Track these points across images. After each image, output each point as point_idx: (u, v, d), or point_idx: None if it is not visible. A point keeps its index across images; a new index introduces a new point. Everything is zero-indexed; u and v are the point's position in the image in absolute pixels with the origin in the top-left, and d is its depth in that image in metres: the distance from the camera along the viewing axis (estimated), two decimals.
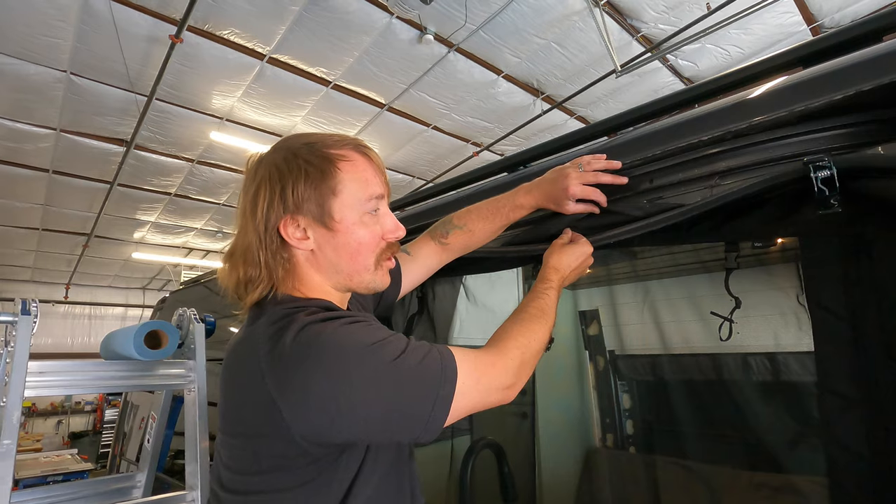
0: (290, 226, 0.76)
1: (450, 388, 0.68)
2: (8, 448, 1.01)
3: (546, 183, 1.03)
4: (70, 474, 5.66)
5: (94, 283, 11.88)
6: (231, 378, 0.75)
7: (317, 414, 0.64)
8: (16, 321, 1.14)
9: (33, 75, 4.31)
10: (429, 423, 0.67)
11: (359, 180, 0.77)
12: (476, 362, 0.73)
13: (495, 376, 0.74)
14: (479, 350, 0.76)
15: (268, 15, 3.92)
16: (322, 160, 0.76)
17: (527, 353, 0.78)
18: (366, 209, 0.78)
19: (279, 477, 0.69)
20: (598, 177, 0.97)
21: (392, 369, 0.67)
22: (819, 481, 0.94)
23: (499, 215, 1.07)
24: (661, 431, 1.76)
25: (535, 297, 0.88)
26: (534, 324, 0.82)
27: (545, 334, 0.83)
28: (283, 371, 0.66)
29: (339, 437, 0.67)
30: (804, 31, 4.34)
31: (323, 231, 0.77)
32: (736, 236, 0.93)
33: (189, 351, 1.42)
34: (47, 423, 10.52)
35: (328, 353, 0.66)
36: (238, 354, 0.75)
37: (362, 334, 0.69)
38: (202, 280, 3.03)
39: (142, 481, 1.49)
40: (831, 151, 0.73)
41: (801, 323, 1.05)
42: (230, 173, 6.56)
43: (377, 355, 0.67)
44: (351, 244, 0.78)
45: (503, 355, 0.76)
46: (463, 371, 0.70)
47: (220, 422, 0.76)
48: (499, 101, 5.33)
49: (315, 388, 0.64)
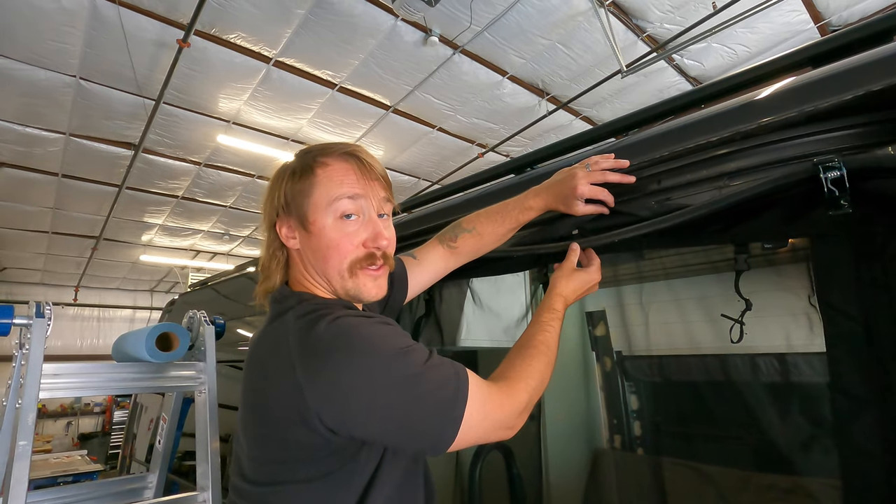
0: (284, 226, 0.83)
1: (460, 412, 0.70)
2: (24, 449, 1.03)
3: (555, 184, 1.03)
4: (80, 475, 5.71)
5: (103, 286, 11.98)
6: (258, 369, 0.78)
7: (340, 404, 0.67)
8: (30, 324, 1.15)
9: (43, 80, 4.36)
10: (437, 441, 0.69)
11: (330, 182, 0.80)
12: (487, 398, 0.74)
13: (502, 416, 0.75)
14: (491, 386, 0.76)
15: (274, 18, 3.95)
16: (303, 164, 0.82)
17: (533, 394, 0.79)
18: (337, 213, 0.79)
19: (302, 467, 0.72)
20: (606, 176, 0.97)
21: (413, 380, 0.69)
22: (831, 483, 0.93)
23: (508, 218, 1.07)
24: (669, 433, 1.76)
25: (542, 329, 0.88)
26: (540, 362, 0.83)
27: (549, 371, 0.84)
28: (314, 357, 0.69)
29: (356, 431, 0.69)
30: (811, 29, 4.31)
31: (302, 232, 0.82)
32: (746, 237, 0.92)
33: (199, 353, 1.43)
34: (57, 425, 10.61)
35: (358, 347, 0.69)
36: (264, 350, 0.78)
37: (391, 337, 0.72)
38: (210, 282, 3.06)
39: (153, 482, 1.50)
40: (841, 152, 0.72)
41: (812, 324, 1.05)
42: (237, 176, 6.61)
43: (402, 362, 0.69)
44: (321, 247, 0.81)
45: (511, 396, 0.76)
46: (474, 403, 0.71)
47: (244, 413, 0.79)
48: (504, 102, 5.33)
49: (342, 378, 0.67)
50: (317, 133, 5.72)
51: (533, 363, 0.82)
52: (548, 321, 0.90)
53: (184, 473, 2.24)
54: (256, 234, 9.01)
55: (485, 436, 0.74)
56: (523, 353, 0.84)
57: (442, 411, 0.69)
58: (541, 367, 0.82)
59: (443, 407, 0.69)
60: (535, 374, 0.81)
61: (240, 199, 7.33)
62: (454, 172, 6.85)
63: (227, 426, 2.08)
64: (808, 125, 0.76)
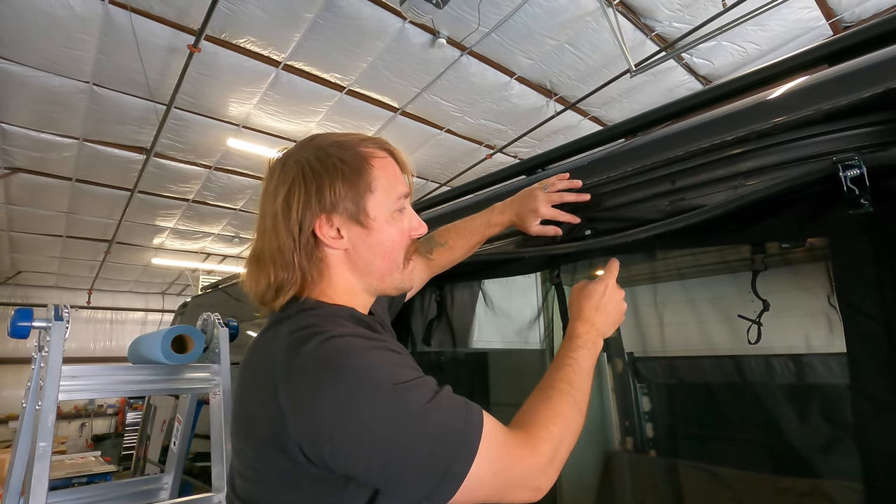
0: (325, 225, 0.74)
1: (464, 466, 0.61)
2: (44, 450, 1.04)
3: (516, 203, 1.09)
4: (94, 476, 5.77)
5: (116, 289, 12.12)
6: (246, 385, 0.72)
7: (322, 437, 0.61)
8: (49, 327, 1.17)
9: (58, 87, 4.43)
10: (431, 496, 0.61)
11: (390, 178, 0.78)
12: (503, 450, 0.64)
13: (520, 472, 0.65)
14: (510, 435, 0.66)
15: (282, 23, 3.98)
16: (356, 158, 0.76)
17: (558, 445, 0.68)
18: (395, 207, 0.78)
19: (286, 492, 0.66)
20: (563, 196, 1.04)
21: (409, 421, 0.61)
22: (852, 486, 0.92)
23: (476, 233, 1.13)
24: (681, 435, 1.74)
25: (561, 366, 0.77)
26: (562, 404, 0.71)
27: (575, 415, 0.72)
28: (298, 384, 0.62)
29: (338, 468, 0.62)
30: (823, 26, 4.26)
31: (358, 230, 0.76)
32: (762, 237, 0.91)
33: (213, 355, 1.44)
34: (71, 426, 10.74)
35: (347, 375, 0.61)
36: (255, 361, 0.73)
37: (389, 369, 0.64)
38: (221, 285, 3.08)
39: (168, 483, 1.52)
40: (860, 150, 0.71)
41: (832, 325, 1.03)
42: (247, 179, 6.66)
43: (397, 400, 0.62)
44: (385, 242, 0.78)
45: (532, 447, 0.66)
46: (485, 455, 0.62)
47: (233, 427, 0.74)
48: (512, 104, 5.32)
49: (326, 410, 0.60)
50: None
51: (553, 406, 0.71)
52: (567, 353, 0.79)
53: (195, 475, 2.26)
54: None
55: (497, 495, 0.64)
56: (542, 395, 0.73)
57: (438, 463, 0.60)
58: (564, 409, 0.71)
59: (441, 457, 0.60)
60: (558, 420, 0.69)
61: (249, 202, 7.38)
62: (462, 174, 6.85)
63: None
64: (825, 123, 0.76)
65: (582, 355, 0.79)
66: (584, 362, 0.78)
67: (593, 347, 0.82)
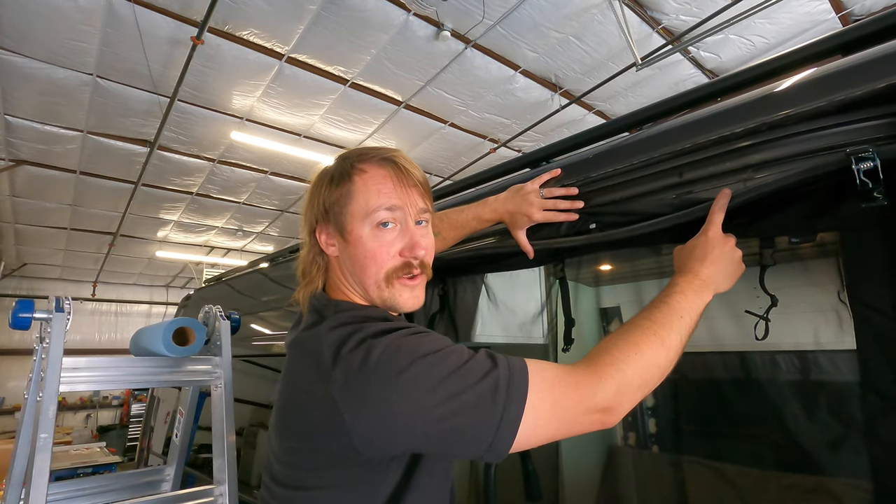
0: (323, 233, 0.82)
1: (516, 411, 0.63)
2: (45, 441, 1.04)
3: (511, 204, 1.09)
4: (99, 466, 5.84)
5: (120, 281, 12.19)
6: (292, 378, 0.76)
7: (379, 425, 0.64)
8: (50, 318, 1.17)
9: (62, 79, 4.43)
10: (492, 446, 0.63)
11: (370, 191, 0.78)
12: (555, 382, 0.65)
13: (580, 399, 0.65)
14: (568, 367, 0.68)
15: (286, 15, 3.96)
16: (341, 170, 0.81)
17: (630, 373, 0.66)
18: (376, 220, 0.77)
19: (331, 474, 0.70)
20: (557, 204, 1.04)
21: (450, 385, 0.63)
22: (861, 485, 0.91)
23: (466, 227, 1.14)
24: (684, 431, 1.73)
25: (650, 308, 0.74)
26: (640, 337, 0.69)
27: (660, 349, 0.69)
28: (347, 378, 0.66)
29: (397, 448, 0.67)
30: (832, 18, 4.20)
31: (340, 240, 0.81)
32: (772, 231, 0.90)
33: (215, 347, 1.44)
34: (76, 417, 10.85)
35: (389, 364, 0.65)
36: (297, 353, 0.77)
37: (424, 346, 0.68)
38: (224, 278, 3.09)
39: (170, 475, 1.52)
40: (875, 142, 0.70)
41: (841, 321, 1.01)
42: (250, 172, 6.66)
43: (438, 366, 0.65)
44: (358, 256, 0.78)
45: (593, 374, 0.66)
46: (536, 393, 0.64)
47: (275, 417, 0.78)
48: (516, 97, 5.29)
49: (377, 399, 0.64)
50: (329, 129, 5.73)
51: (628, 338, 0.69)
52: (658, 298, 0.75)
53: (198, 466, 2.27)
54: (269, 231, 9.10)
55: (563, 426, 0.65)
56: (618, 331, 0.72)
57: (489, 414, 0.62)
58: (640, 340, 0.68)
59: (489, 410, 0.63)
60: (628, 348, 0.68)
61: (253, 195, 7.39)
62: (466, 168, 6.83)
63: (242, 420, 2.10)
64: (838, 114, 0.74)
65: (675, 299, 0.74)
66: (676, 305, 0.73)
67: (693, 295, 0.75)
